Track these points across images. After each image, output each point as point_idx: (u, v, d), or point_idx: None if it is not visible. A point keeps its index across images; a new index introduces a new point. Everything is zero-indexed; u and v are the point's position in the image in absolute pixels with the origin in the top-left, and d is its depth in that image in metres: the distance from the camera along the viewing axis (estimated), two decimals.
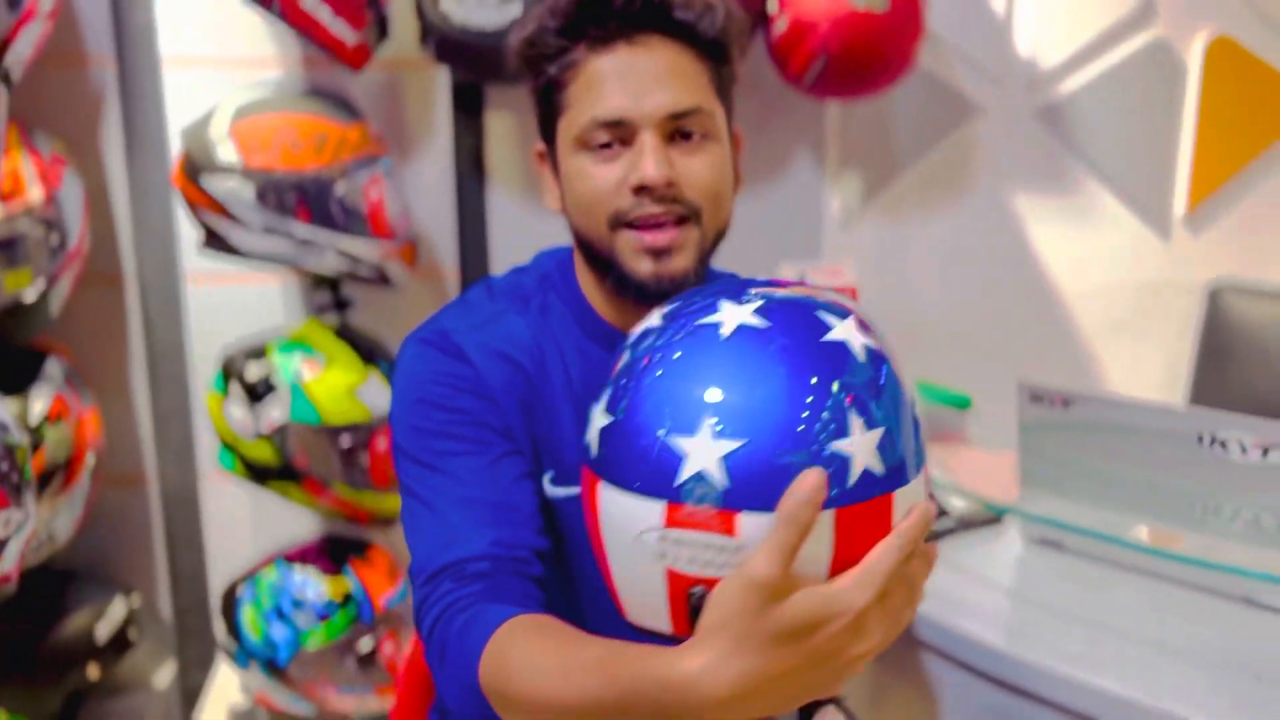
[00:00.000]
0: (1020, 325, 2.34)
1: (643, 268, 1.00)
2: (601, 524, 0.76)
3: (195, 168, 1.68)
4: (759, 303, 0.74)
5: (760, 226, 2.11)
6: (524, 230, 2.15)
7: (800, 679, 0.67)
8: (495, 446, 0.98)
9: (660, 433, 0.71)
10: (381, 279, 1.81)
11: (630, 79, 0.99)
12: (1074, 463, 1.45)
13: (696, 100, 1.00)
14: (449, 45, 1.76)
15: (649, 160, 0.97)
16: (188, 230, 1.93)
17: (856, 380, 0.71)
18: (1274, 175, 2.32)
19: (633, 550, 0.72)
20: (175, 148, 1.92)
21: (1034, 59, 2.20)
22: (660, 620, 0.74)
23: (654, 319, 0.80)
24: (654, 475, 0.70)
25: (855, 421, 0.69)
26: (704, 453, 0.68)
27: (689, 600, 0.71)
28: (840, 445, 0.69)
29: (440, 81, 2.05)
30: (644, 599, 0.74)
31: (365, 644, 1.85)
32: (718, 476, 0.68)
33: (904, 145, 2.22)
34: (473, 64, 1.81)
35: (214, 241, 1.74)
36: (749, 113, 1.09)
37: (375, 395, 1.80)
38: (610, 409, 0.75)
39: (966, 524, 1.56)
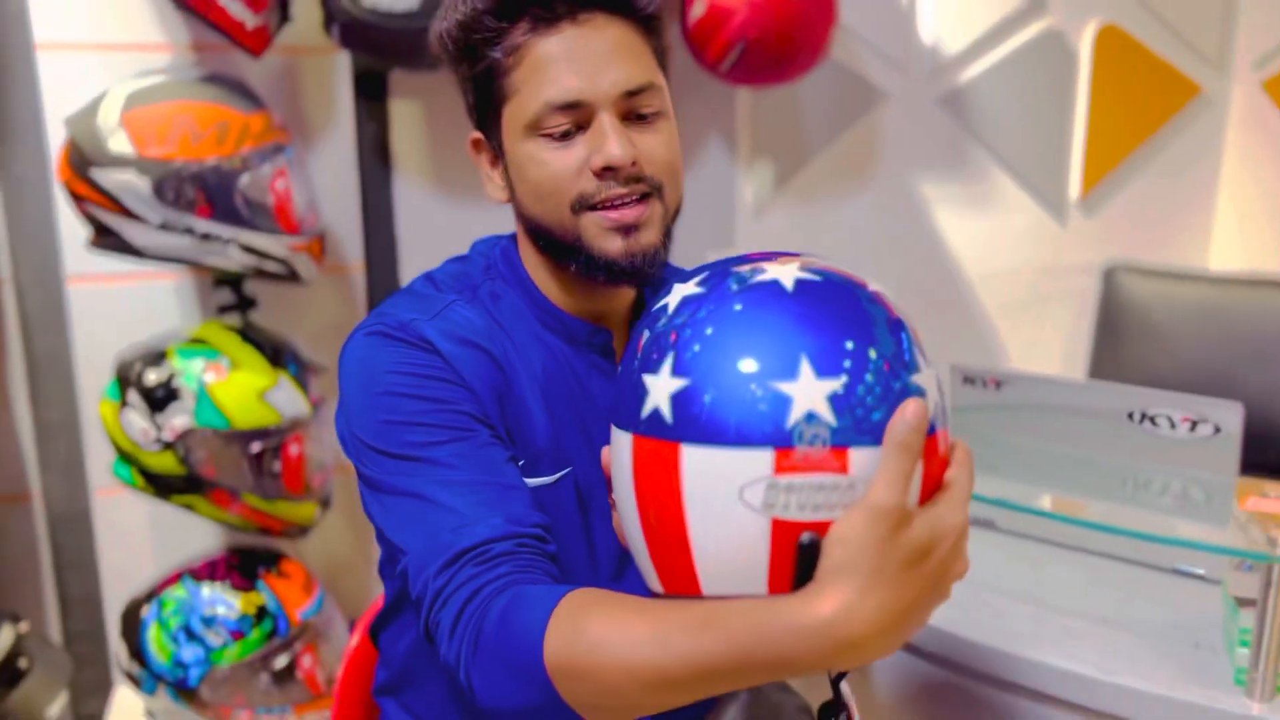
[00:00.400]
0: (927, 307, 2.38)
1: (613, 246, 0.97)
2: (686, 490, 0.72)
3: (83, 160, 1.56)
4: (799, 261, 0.76)
5: None
6: (433, 221, 2.09)
7: (921, 607, 0.69)
8: (479, 432, 0.94)
9: (756, 383, 0.70)
10: (290, 275, 1.72)
11: (581, 59, 0.95)
12: (1006, 442, 1.47)
13: (649, 76, 0.98)
14: (355, 29, 1.68)
15: (613, 140, 0.94)
16: (70, 227, 1.80)
17: (910, 336, 0.75)
18: (1160, 160, 2.42)
19: (732, 509, 0.70)
20: (54, 138, 1.80)
21: (936, 47, 2.24)
22: (755, 581, 0.71)
23: (687, 289, 0.77)
24: (757, 424, 0.69)
25: (920, 358, 0.74)
26: (809, 393, 0.69)
27: (798, 549, 0.69)
28: (916, 379, 0.72)
29: (341, 67, 1.96)
30: (739, 560, 0.71)
31: (282, 660, 1.76)
32: (827, 415, 0.69)
33: (813, 133, 2.23)
34: (381, 49, 1.73)
35: (105, 239, 1.62)
36: None
37: (286, 399, 1.71)
38: (681, 373, 0.73)
39: None
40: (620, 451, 0.77)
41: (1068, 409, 1.40)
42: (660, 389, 0.74)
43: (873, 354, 0.71)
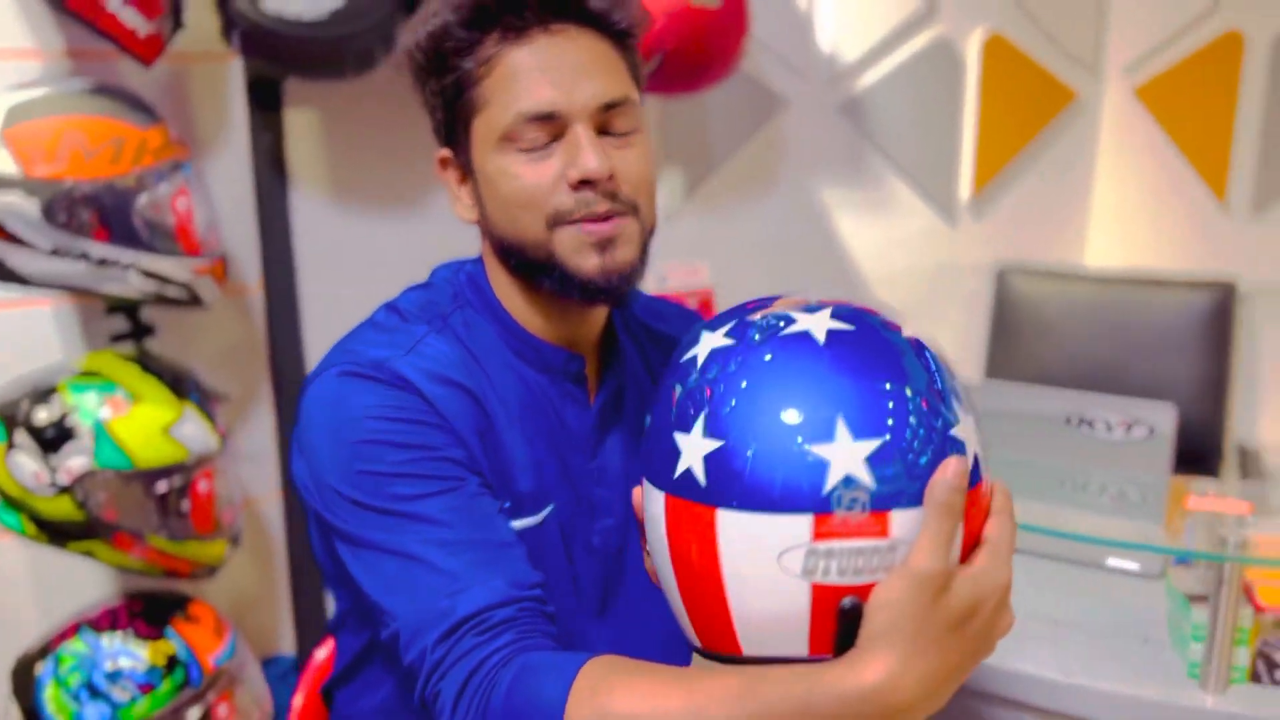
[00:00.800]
0: None
1: (589, 263, 0.93)
2: (723, 554, 0.69)
3: None
4: (829, 309, 0.72)
5: None
6: (334, 237, 1.99)
7: (965, 666, 0.68)
8: (467, 482, 0.89)
9: (792, 446, 0.67)
10: (193, 300, 1.60)
11: (555, 70, 0.92)
12: None
13: (625, 90, 0.95)
14: (259, 37, 1.58)
15: (589, 153, 0.91)
16: None
17: (943, 371, 0.72)
18: (1040, 163, 2.51)
19: (770, 573, 0.68)
20: None
21: (834, 55, 2.27)
22: (796, 643, 0.69)
23: (715, 340, 0.74)
24: (794, 489, 0.66)
25: (959, 408, 0.71)
26: (846, 456, 0.66)
27: (839, 613, 0.67)
28: (956, 431, 0.69)
29: (233, 74, 1.85)
30: (779, 623, 0.69)
31: (195, 711, 1.64)
32: (865, 478, 0.66)
33: (719, 140, 2.23)
34: (287, 59, 1.63)
35: None
36: None
37: (192, 433, 1.59)
38: (714, 433, 0.69)
39: None
40: (653, 507, 0.74)
41: (1007, 413, 1.44)
42: (693, 449, 0.71)
43: (911, 408, 0.68)
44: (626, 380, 1.06)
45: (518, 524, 0.95)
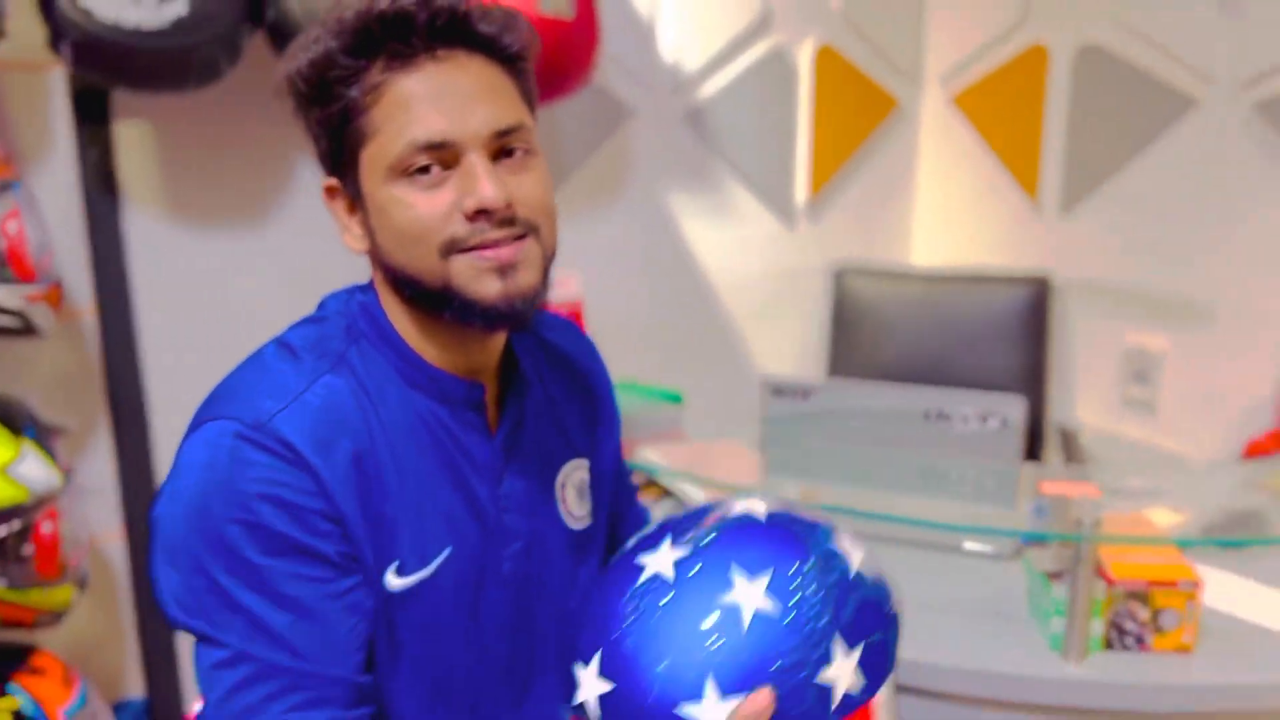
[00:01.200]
0: (681, 317, 2.47)
1: (490, 289, 0.91)
2: None
3: None
4: (682, 552, 0.80)
5: None
6: (171, 255, 1.89)
7: None
8: (327, 587, 0.88)
9: (576, 660, 0.81)
10: (27, 329, 1.49)
11: (446, 98, 0.90)
12: (816, 447, 1.56)
13: (518, 116, 0.94)
14: (92, 48, 1.48)
15: (485, 182, 0.89)
16: None
17: (725, 649, 0.74)
18: (866, 168, 2.64)
19: None
20: None
21: (677, 65, 2.32)
22: None
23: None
24: (570, 695, 0.81)
25: (711, 688, 0.73)
26: (589, 686, 0.77)
27: None
28: (690, 710, 0.73)
29: (56, 85, 1.73)
30: None
31: None
32: (594, 711, 0.76)
33: (570, 150, 2.24)
34: (123, 72, 1.54)
35: None
36: None
37: (33, 471, 1.48)
38: None
39: None
40: None
41: (870, 413, 1.51)
42: None
43: (649, 671, 0.75)
44: (527, 404, 1.06)
45: (407, 580, 0.93)
